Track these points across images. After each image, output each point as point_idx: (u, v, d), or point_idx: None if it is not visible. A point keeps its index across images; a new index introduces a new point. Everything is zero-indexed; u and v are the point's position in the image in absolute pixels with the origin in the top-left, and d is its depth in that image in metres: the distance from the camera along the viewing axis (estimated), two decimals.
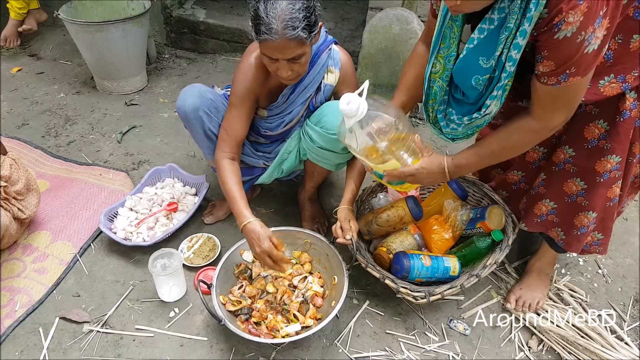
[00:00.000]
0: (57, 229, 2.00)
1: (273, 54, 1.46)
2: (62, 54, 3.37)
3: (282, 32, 1.39)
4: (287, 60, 1.47)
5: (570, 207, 1.57)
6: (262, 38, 1.42)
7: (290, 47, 1.43)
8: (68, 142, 2.54)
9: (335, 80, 1.71)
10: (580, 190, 1.53)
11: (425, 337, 1.68)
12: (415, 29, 2.40)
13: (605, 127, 1.42)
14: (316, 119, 1.72)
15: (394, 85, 2.57)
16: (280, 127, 1.79)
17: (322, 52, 1.66)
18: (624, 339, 1.66)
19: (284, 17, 1.38)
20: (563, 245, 1.66)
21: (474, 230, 1.83)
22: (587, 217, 1.55)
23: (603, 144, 1.43)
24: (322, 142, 1.71)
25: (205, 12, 3.48)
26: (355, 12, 3.59)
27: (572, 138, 1.49)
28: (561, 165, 1.54)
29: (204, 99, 1.72)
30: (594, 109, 1.42)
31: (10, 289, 1.76)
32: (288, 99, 1.73)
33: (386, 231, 1.81)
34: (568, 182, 1.54)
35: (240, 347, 1.62)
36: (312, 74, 1.67)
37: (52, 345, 1.61)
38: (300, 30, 1.40)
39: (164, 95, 3.00)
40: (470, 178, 1.98)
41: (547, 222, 1.65)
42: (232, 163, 1.69)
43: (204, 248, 1.93)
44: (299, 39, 1.41)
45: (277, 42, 1.40)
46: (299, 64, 1.51)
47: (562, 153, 1.52)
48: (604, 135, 1.42)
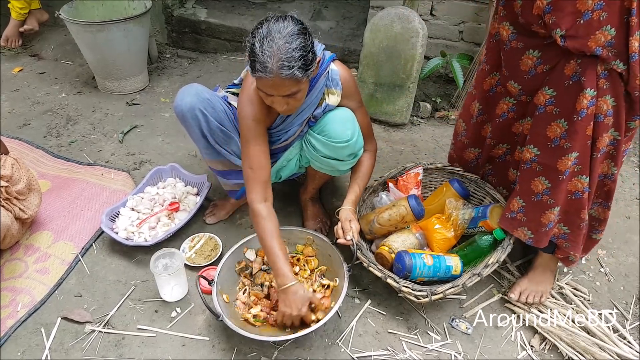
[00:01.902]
0: (58, 229, 2.00)
1: (268, 91, 1.45)
2: (63, 54, 3.38)
3: (277, 71, 1.37)
4: (283, 96, 1.46)
5: (537, 205, 1.61)
6: (257, 75, 1.41)
7: (286, 85, 1.41)
8: (69, 142, 2.55)
9: (337, 101, 1.69)
10: (545, 189, 1.58)
11: (427, 337, 1.68)
12: (416, 27, 2.39)
13: (565, 126, 1.47)
14: (319, 128, 1.70)
15: (395, 84, 2.57)
16: (277, 144, 1.78)
17: (320, 75, 1.64)
18: (627, 338, 1.66)
19: (280, 57, 1.36)
20: (532, 243, 1.69)
21: (475, 229, 1.83)
22: (552, 213, 1.60)
23: (563, 143, 1.48)
24: (326, 150, 1.70)
25: (207, 11, 3.47)
26: (357, 11, 3.59)
27: (535, 137, 1.54)
28: (528, 164, 1.59)
29: (200, 98, 1.71)
30: (554, 109, 1.48)
31: (12, 289, 1.77)
32: (285, 120, 1.72)
33: (388, 230, 1.81)
34: (535, 180, 1.58)
35: (242, 347, 1.62)
36: (309, 98, 1.64)
37: (54, 345, 1.61)
38: (296, 69, 1.38)
39: (165, 95, 3.00)
40: (472, 177, 1.98)
41: (515, 221, 1.69)
42: (267, 208, 1.63)
43: (205, 248, 1.93)
44: (295, 78, 1.40)
45: (272, 80, 1.39)
46: (295, 99, 1.49)
47: (528, 152, 1.57)
48: (564, 134, 1.47)
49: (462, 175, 2.01)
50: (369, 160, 1.84)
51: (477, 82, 1.77)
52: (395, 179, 2.02)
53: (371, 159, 1.85)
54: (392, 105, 2.66)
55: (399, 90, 2.60)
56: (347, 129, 1.67)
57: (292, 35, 1.38)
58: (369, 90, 2.63)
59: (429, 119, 2.82)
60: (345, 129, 1.66)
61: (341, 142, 1.66)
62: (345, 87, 1.70)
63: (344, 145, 1.67)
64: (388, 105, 2.66)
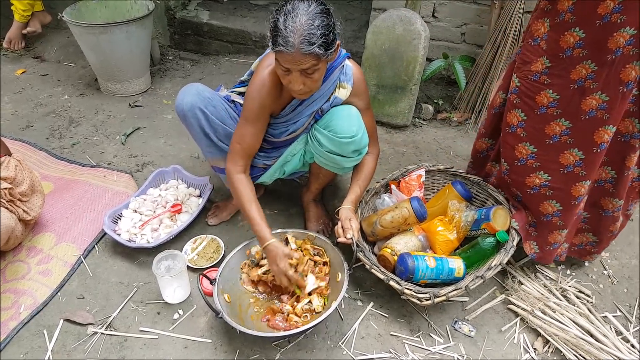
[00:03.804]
0: (61, 231, 2.01)
1: (287, 64, 1.46)
2: (66, 56, 3.39)
3: (298, 45, 1.39)
4: (301, 72, 1.47)
5: (545, 225, 1.71)
6: (278, 49, 1.42)
7: (305, 60, 1.43)
8: (72, 144, 2.55)
9: (347, 95, 1.71)
10: (556, 211, 1.67)
11: (430, 339, 1.68)
12: (418, 29, 2.39)
13: (580, 155, 1.54)
14: (325, 122, 1.71)
15: (397, 86, 2.57)
16: (284, 135, 1.79)
17: (335, 68, 1.66)
18: (630, 341, 1.65)
19: (302, 32, 1.38)
20: (536, 258, 1.80)
21: (478, 231, 1.82)
22: (560, 234, 1.73)
23: (579, 171, 1.55)
24: (332, 146, 1.70)
25: (209, 13, 3.48)
26: (359, 13, 3.59)
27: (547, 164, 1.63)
28: (536, 189, 1.68)
29: (201, 97, 1.73)
30: (568, 139, 1.53)
31: (15, 291, 1.77)
32: (295, 109, 1.73)
33: (390, 232, 1.81)
34: (544, 203, 1.69)
35: (244, 348, 1.61)
36: (322, 89, 1.67)
37: (57, 347, 1.61)
38: (317, 46, 1.40)
39: (167, 97, 3.00)
40: (475, 179, 1.98)
41: (526, 233, 1.77)
42: (245, 177, 1.72)
43: (208, 249, 1.93)
44: (314, 54, 1.41)
45: (293, 55, 1.41)
46: (312, 80, 1.50)
47: (536, 178, 1.66)
48: (579, 162, 1.54)
49: (465, 177, 2.01)
50: (371, 162, 1.84)
51: None
52: (398, 181, 2.02)
53: (373, 161, 1.86)
54: (394, 107, 2.66)
55: (401, 92, 2.60)
56: (353, 125, 1.67)
57: (315, 14, 1.40)
58: (371, 92, 2.63)
59: (431, 120, 2.82)
60: (351, 125, 1.67)
61: (346, 137, 1.67)
62: (356, 85, 1.72)
63: (349, 141, 1.68)
64: (390, 107, 2.66)
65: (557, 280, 1.86)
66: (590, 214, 1.79)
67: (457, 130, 2.76)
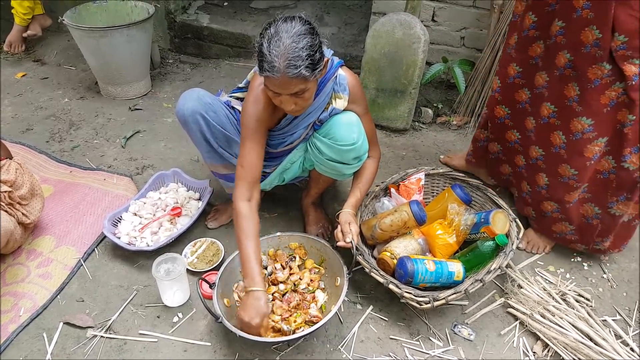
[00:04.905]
0: (61, 234, 2.01)
1: (276, 90, 1.46)
2: (66, 59, 3.39)
3: (284, 70, 1.37)
4: (290, 94, 1.47)
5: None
6: (265, 75, 1.42)
7: (293, 84, 1.42)
8: (72, 147, 2.55)
9: (344, 105, 1.70)
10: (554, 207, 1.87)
11: (429, 343, 1.68)
12: (418, 33, 2.40)
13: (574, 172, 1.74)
14: (325, 130, 1.71)
15: (397, 90, 2.58)
16: (282, 146, 1.79)
17: (328, 80, 1.65)
18: (629, 344, 1.65)
19: (287, 56, 1.37)
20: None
21: (478, 235, 1.83)
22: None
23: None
24: (332, 153, 1.70)
25: (209, 17, 3.49)
26: (358, 17, 3.60)
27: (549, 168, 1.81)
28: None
29: (202, 102, 1.72)
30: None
31: (15, 294, 1.77)
32: (291, 122, 1.72)
33: (390, 236, 1.81)
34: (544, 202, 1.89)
35: (244, 352, 1.61)
36: (316, 102, 1.66)
37: (56, 350, 1.61)
38: (303, 69, 1.39)
39: (167, 100, 3.01)
40: (474, 182, 1.98)
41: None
42: (249, 207, 1.62)
43: (207, 253, 1.93)
44: (301, 77, 1.40)
45: (280, 79, 1.40)
46: (303, 99, 1.50)
47: (540, 178, 1.83)
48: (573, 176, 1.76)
49: (464, 180, 2.01)
50: (372, 166, 1.84)
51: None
52: (397, 185, 2.02)
53: (374, 165, 1.86)
54: (393, 110, 2.66)
55: (400, 96, 2.60)
56: (353, 132, 1.67)
57: (299, 35, 1.38)
58: (371, 95, 2.64)
59: (431, 124, 2.82)
60: (351, 132, 1.67)
61: (347, 145, 1.67)
62: (352, 93, 1.71)
63: (349, 148, 1.68)
64: (390, 111, 2.67)
65: (556, 284, 1.86)
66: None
67: (457, 133, 2.76)
